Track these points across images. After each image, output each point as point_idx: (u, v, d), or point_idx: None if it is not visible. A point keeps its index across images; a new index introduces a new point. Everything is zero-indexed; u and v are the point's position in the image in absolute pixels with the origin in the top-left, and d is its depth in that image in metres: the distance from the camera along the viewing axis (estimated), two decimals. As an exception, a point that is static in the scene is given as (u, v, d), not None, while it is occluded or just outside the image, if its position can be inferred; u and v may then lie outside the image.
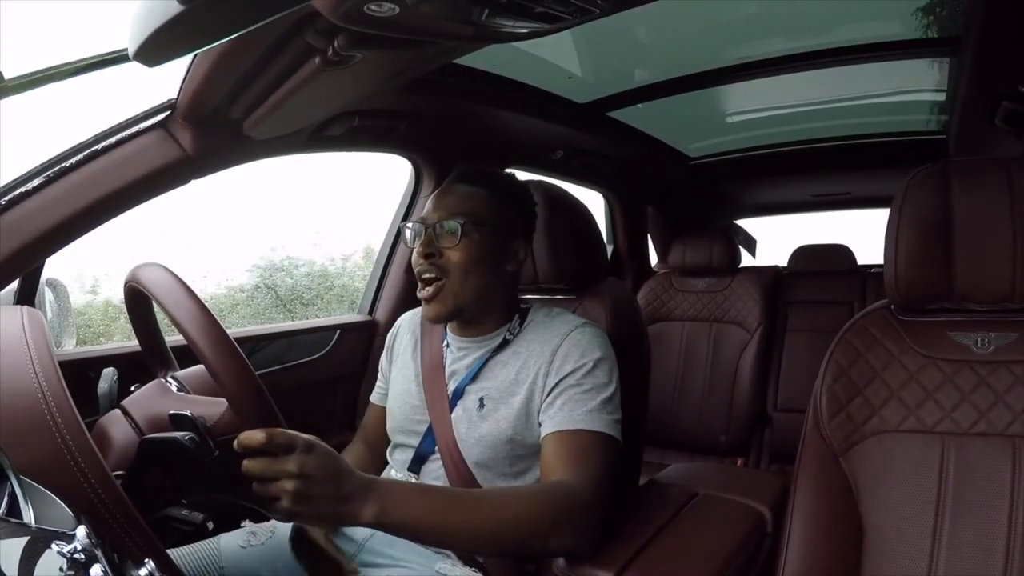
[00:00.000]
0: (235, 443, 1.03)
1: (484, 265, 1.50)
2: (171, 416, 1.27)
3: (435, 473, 1.54)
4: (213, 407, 1.29)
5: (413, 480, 1.55)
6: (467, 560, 1.44)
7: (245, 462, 1.03)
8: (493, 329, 1.58)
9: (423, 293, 1.50)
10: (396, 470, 1.62)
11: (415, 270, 1.52)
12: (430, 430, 1.56)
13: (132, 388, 1.51)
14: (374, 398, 1.82)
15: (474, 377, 1.55)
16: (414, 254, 1.51)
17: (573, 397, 1.41)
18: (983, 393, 1.33)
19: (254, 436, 1.01)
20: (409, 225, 1.55)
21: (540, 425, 1.44)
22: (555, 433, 1.39)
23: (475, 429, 1.49)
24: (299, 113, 1.47)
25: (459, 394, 1.55)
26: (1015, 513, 1.25)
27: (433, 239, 1.49)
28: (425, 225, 1.51)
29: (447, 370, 1.60)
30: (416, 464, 1.57)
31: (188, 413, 1.26)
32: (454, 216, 1.48)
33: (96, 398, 1.49)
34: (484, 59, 1.98)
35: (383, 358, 1.82)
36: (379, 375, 1.83)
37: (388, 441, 1.69)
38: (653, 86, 2.39)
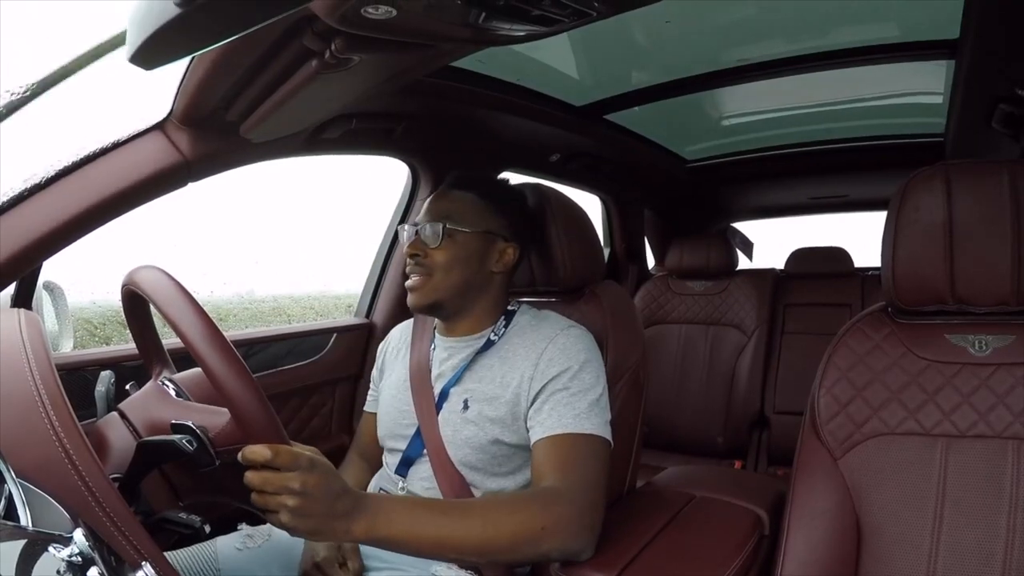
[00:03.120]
0: (239, 456, 1.05)
1: (466, 265, 1.55)
2: (173, 426, 1.27)
3: (423, 474, 1.55)
4: (215, 416, 1.29)
5: (401, 483, 1.57)
6: (463, 563, 1.44)
7: (248, 474, 1.05)
8: (478, 329, 1.60)
9: (408, 282, 1.56)
10: (387, 472, 1.63)
11: (406, 268, 1.57)
12: (418, 433, 1.57)
13: (128, 387, 1.51)
14: (368, 407, 1.84)
15: (459, 379, 1.56)
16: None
17: (561, 401, 1.42)
18: (984, 395, 1.33)
19: (259, 452, 1.03)
20: (404, 227, 1.60)
21: (529, 431, 1.45)
22: (545, 439, 1.40)
23: (461, 431, 1.51)
24: (296, 116, 1.46)
25: (445, 396, 1.56)
26: (1014, 515, 1.25)
27: (420, 241, 1.55)
28: (416, 227, 1.56)
29: (434, 372, 1.62)
30: (403, 467, 1.58)
31: (190, 423, 1.25)
32: (439, 219, 1.54)
33: (93, 401, 1.49)
34: (481, 62, 1.98)
35: (375, 369, 1.84)
36: (372, 384, 1.85)
37: (382, 450, 1.70)
38: (650, 89, 2.39)
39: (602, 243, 2.37)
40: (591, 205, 3.82)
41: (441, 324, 1.66)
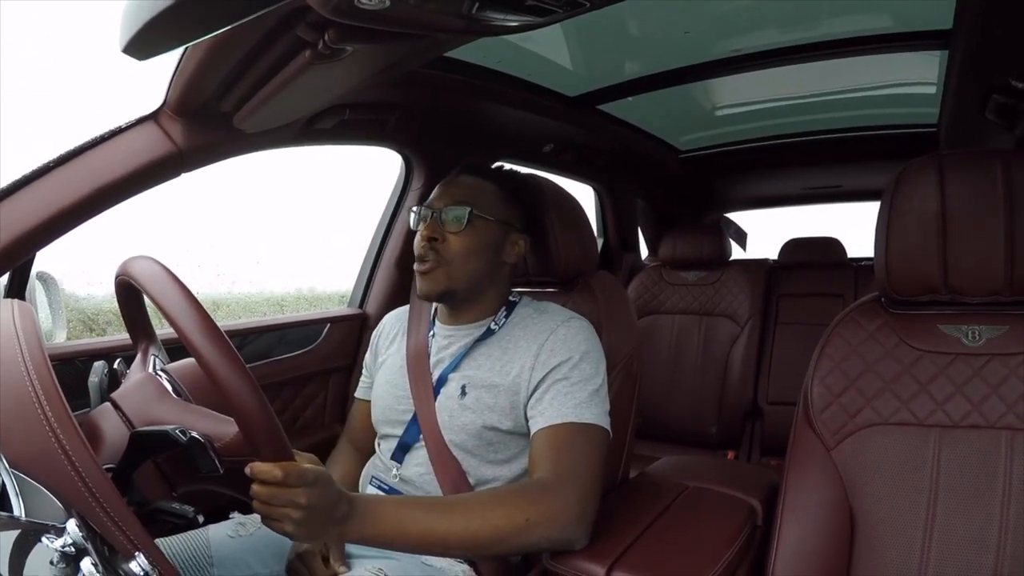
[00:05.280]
0: (247, 470, 1.09)
1: (483, 254, 1.55)
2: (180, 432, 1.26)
3: (418, 460, 1.55)
4: (220, 425, 1.28)
5: (395, 469, 1.58)
6: (452, 555, 1.45)
7: (255, 488, 1.10)
8: (480, 318, 1.61)
9: (420, 267, 1.53)
10: (381, 459, 1.64)
11: (416, 251, 1.55)
12: (415, 418, 1.57)
13: (116, 365, 1.50)
14: (359, 393, 1.85)
15: (457, 365, 1.57)
16: (417, 236, 1.55)
17: (562, 391, 1.43)
18: (977, 385, 1.33)
19: (270, 472, 1.07)
20: (415, 209, 1.59)
21: (529, 420, 1.46)
22: (544, 428, 1.41)
23: (458, 417, 1.51)
24: (289, 106, 1.46)
25: (443, 382, 1.57)
26: (1007, 505, 1.26)
27: (438, 224, 1.53)
28: (432, 209, 1.55)
29: (432, 359, 1.62)
30: (400, 453, 1.59)
31: (195, 435, 1.24)
32: (461, 203, 1.53)
33: (87, 391, 1.48)
34: (475, 52, 1.97)
35: (368, 354, 1.84)
36: (364, 370, 1.85)
37: (375, 436, 1.70)
38: (643, 79, 2.39)
39: (595, 234, 2.37)
40: (584, 196, 3.82)
41: (443, 311, 1.66)
